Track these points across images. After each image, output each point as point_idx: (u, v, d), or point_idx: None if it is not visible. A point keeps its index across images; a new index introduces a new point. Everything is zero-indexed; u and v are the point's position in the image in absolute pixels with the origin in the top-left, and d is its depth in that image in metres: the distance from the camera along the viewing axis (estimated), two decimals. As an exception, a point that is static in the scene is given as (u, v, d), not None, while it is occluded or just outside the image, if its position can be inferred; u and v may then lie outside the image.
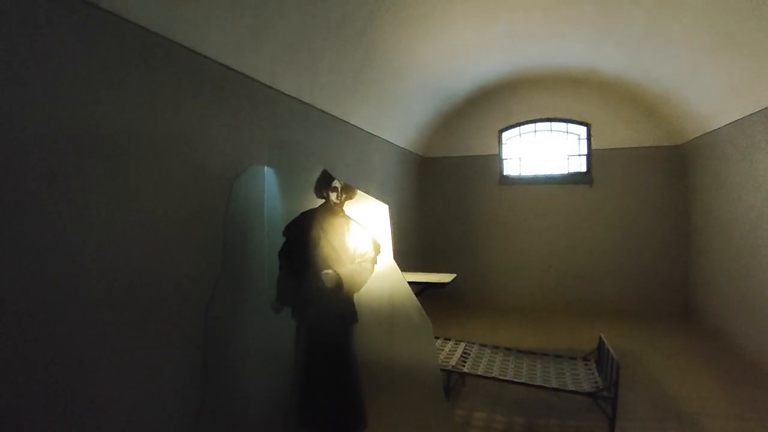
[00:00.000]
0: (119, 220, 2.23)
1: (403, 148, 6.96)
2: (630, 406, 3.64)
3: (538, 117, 7.50)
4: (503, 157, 7.74)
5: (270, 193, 3.20)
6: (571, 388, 3.30)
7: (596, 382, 3.38)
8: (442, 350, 4.03)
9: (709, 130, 5.73)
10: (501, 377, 3.48)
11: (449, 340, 4.35)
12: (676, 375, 4.39)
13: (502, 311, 7.18)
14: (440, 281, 4.54)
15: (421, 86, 6.06)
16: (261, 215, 3.16)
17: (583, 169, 7.35)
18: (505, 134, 7.73)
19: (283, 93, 3.74)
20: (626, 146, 7.08)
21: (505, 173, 7.72)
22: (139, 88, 2.34)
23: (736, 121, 5.07)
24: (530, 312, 7.11)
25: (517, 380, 3.43)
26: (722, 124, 5.36)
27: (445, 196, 7.94)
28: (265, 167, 3.22)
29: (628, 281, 7.04)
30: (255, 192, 3.17)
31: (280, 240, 2.93)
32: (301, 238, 2.83)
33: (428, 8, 4.46)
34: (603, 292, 7.13)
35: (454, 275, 4.84)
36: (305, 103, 4.09)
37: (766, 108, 4.47)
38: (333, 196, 2.86)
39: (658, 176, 6.96)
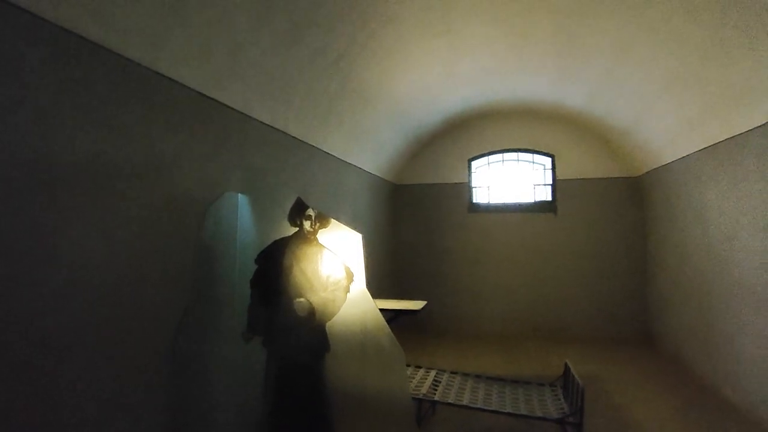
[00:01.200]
0: (89, 249, 2.20)
1: (375, 175, 7.06)
2: (595, 430, 3.73)
3: (505, 147, 7.78)
4: (473, 185, 7.94)
5: (243, 220, 3.20)
6: (539, 414, 3.37)
7: (562, 408, 3.46)
8: (413, 378, 4.05)
9: (662, 164, 6.08)
10: (471, 405, 3.51)
11: (420, 368, 4.37)
12: (637, 399, 4.53)
13: (471, 338, 7.25)
14: (411, 308, 4.58)
15: (394, 116, 6.22)
16: (233, 243, 3.16)
17: (548, 198, 7.63)
18: (474, 163, 7.96)
19: (257, 120, 3.78)
20: (588, 177, 7.40)
21: (474, 201, 7.92)
22: (110, 114, 2.35)
23: (685, 156, 5.41)
24: (499, 338, 7.21)
25: (487, 408, 3.47)
26: (674, 159, 5.71)
27: (417, 223, 8.05)
28: (239, 194, 3.23)
29: (591, 308, 7.25)
30: (227, 219, 3.17)
31: (252, 268, 2.93)
32: (273, 267, 2.84)
33: (401, 44, 4.64)
34: (568, 318, 7.31)
35: (425, 302, 4.89)
36: (279, 130, 4.14)
37: (711, 145, 4.80)
38: (307, 224, 2.89)
39: (618, 207, 7.29)
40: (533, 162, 7.76)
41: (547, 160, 7.67)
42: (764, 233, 3.96)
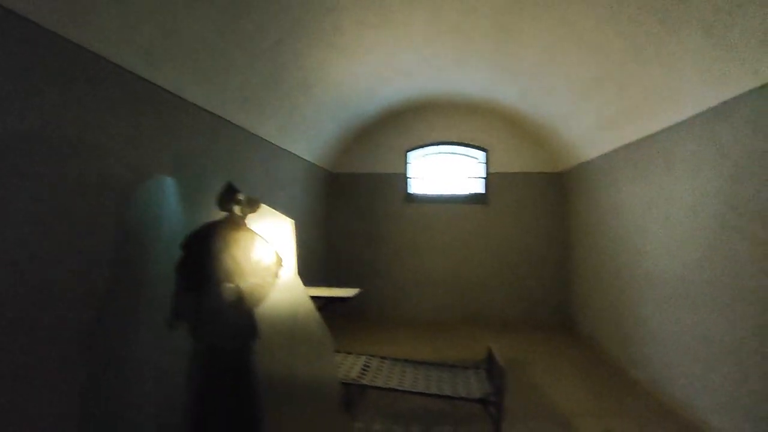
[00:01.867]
0: (3, 227, 2.03)
1: (312, 162, 6.99)
2: (515, 410, 3.96)
3: (442, 140, 7.96)
4: (409, 176, 8.08)
5: (170, 204, 3.08)
6: (462, 395, 3.53)
7: (485, 389, 3.64)
8: (343, 364, 4.09)
9: (584, 160, 6.51)
10: (399, 388, 3.62)
11: (350, 353, 4.43)
12: (554, 380, 4.86)
13: (404, 325, 7.42)
14: (343, 296, 4.62)
15: (332, 104, 6.17)
16: (158, 227, 3.02)
17: (481, 190, 7.92)
18: (411, 154, 8.09)
19: (191, 102, 3.63)
20: (518, 171, 7.76)
21: (410, 191, 8.06)
22: (25, 88, 2.16)
23: (604, 153, 5.82)
24: (430, 325, 7.43)
25: (414, 390, 3.59)
26: (594, 156, 6.13)
27: (353, 211, 8.07)
28: (167, 178, 3.10)
29: (516, 295, 7.65)
30: (154, 202, 3.03)
31: (178, 253, 2.82)
32: (200, 252, 2.75)
33: (341, 33, 4.60)
34: (495, 305, 7.67)
35: (357, 290, 4.94)
36: (213, 113, 4.00)
37: (626, 144, 5.20)
38: (237, 209, 2.83)
39: (544, 200, 7.71)
40: (468, 155, 8.01)
41: (481, 154, 7.95)
42: (668, 224, 4.37)
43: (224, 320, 2.71)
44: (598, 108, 5.19)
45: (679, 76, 3.70)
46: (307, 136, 6.36)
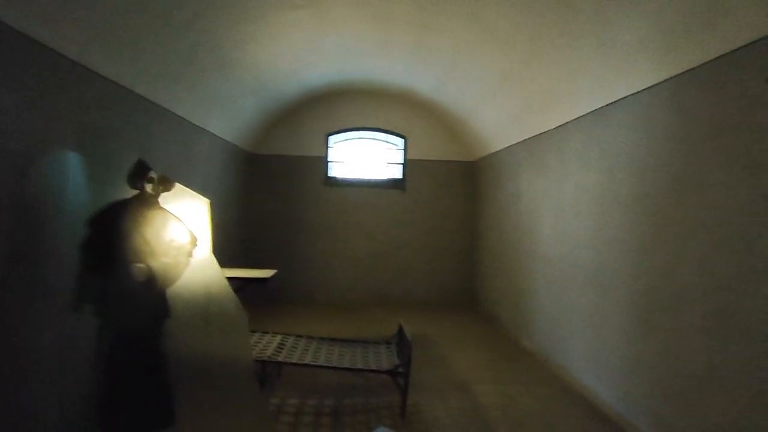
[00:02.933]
0: None
1: (230, 142, 6.84)
2: (422, 380, 4.30)
3: (362, 125, 8.13)
4: (329, 159, 8.17)
5: (74, 181, 2.94)
6: (373, 367, 3.78)
7: (394, 362, 3.92)
8: (260, 343, 4.17)
9: (492, 151, 7.01)
10: (312, 363, 3.78)
11: (267, 333, 4.51)
12: (459, 353, 5.30)
13: (322, 305, 7.59)
14: (261, 276, 4.67)
15: (252, 84, 6.07)
16: (61, 204, 2.89)
17: (399, 176, 8.22)
18: (331, 138, 8.17)
19: (98, 74, 3.45)
20: (434, 159, 8.15)
21: (330, 175, 8.16)
22: None
23: (508, 146, 6.33)
24: (348, 305, 7.66)
25: (327, 365, 3.78)
26: (499, 148, 6.63)
27: (271, 193, 8.02)
28: (71, 152, 2.95)
29: (429, 276, 8.11)
30: (55, 179, 2.89)
31: (82, 232, 2.73)
32: (108, 230, 2.69)
33: (263, 11, 4.55)
34: (410, 286, 8.08)
35: (275, 271, 5.01)
36: (123, 86, 3.82)
37: (526, 138, 5.71)
38: (148, 187, 2.79)
39: (457, 186, 8.19)
40: (387, 141, 8.26)
41: (400, 141, 8.23)
42: (559, 212, 4.90)
43: (134, 301, 2.70)
44: (504, 103, 5.63)
45: (573, 80, 4.16)
46: (226, 116, 6.21)
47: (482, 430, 3.46)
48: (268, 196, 8.02)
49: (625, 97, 3.70)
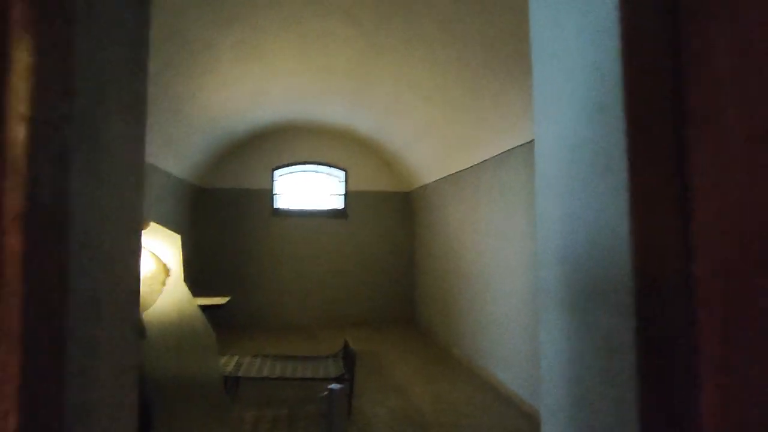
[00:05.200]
0: None
1: (182, 179, 7.28)
2: (366, 386, 4.94)
3: (306, 159, 8.80)
4: (276, 192, 8.74)
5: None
6: (321, 376, 4.39)
7: (340, 371, 4.54)
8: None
9: (424, 184, 7.91)
10: (269, 376, 4.33)
11: (224, 354, 4.98)
12: (397, 362, 6.00)
13: (274, 329, 8.04)
14: (216, 303, 5.16)
15: (203, 124, 6.61)
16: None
17: (341, 206, 8.93)
18: (277, 172, 8.77)
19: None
20: (373, 190, 8.94)
21: (276, 206, 8.73)
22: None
23: (436, 179, 7.24)
24: (297, 328, 8.17)
25: (282, 376, 4.34)
26: (430, 181, 7.54)
27: (222, 225, 8.45)
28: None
29: (372, 298, 8.79)
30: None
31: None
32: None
33: (217, 65, 5.17)
34: (354, 307, 8.71)
35: (228, 298, 5.51)
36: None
37: (449, 174, 6.64)
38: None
39: (395, 215, 9.02)
40: (330, 174, 8.97)
41: (342, 173, 8.97)
42: (476, 236, 5.79)
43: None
44: (431, 144, 6.54)
45: (484, 127, 5.09)
46: (178, 154, 6.68)
47: (414, 421, 4.15)
48: (219, 227, 8.44)
49: (518, 146, 4.66)
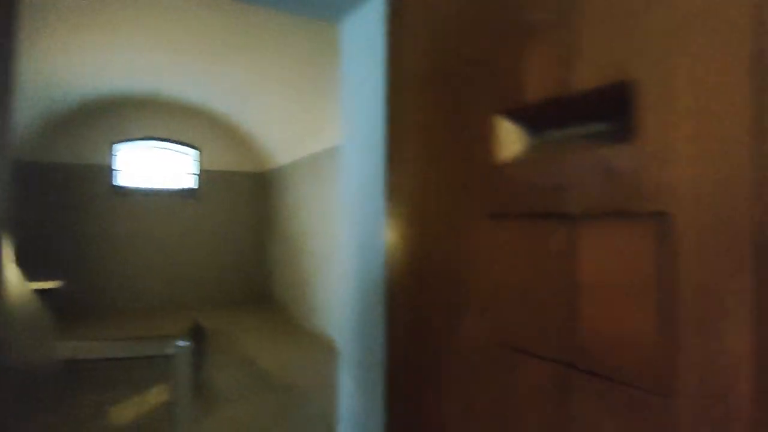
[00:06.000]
0: None
1: (-2, 151, 6.46)
2: (216, 361, 5.21)
3: (153, 135, 8.37)
4: (117, 168, 8.18)
5: None
6: (169, 353, 4.56)
7: (191, 347, 4.74)
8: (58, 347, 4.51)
9: (278, 165, 8.21)
10: (113, 357, 4.37)
11: (64, 339, 4.81)
12: (250, 338, 6.34)
13: (120, 313, 7.67)
14: (48, 287, 4.92)
15: (33, 92, 5.96)
16: None
17: (193, 185, 8.75)
18: (118, 146, 8.18)
19: None
20: (228, 170, 8.92)
21: (119, 184, 8.18)
22: None
23: (291, 162, 7.61)
24: (145, 311, 7.92)
25: (127, 357, 4.42)
26: (283, 163, 7.88)
27: (55, 203, 7.66)
28: None
29: (225, 278, 8.86)
30: None
31: None
32: None
33: (50, 28, 4.76)
34: (207, 288, 8.68)
35: (60, 282, 5.25)
36: None
37: (304, 156, 7.07)
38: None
39: (250, 195, 9.13)
40: (181, 152, 8.68)
41: (194, 152, 8.75)
42: (323, 217, 6.35)
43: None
44: (287, 125, 6.86)
45: (319, 121, 5.59)
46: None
47: (260, 385, 4.60)
48: (53, 206, 7.64)
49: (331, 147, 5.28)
